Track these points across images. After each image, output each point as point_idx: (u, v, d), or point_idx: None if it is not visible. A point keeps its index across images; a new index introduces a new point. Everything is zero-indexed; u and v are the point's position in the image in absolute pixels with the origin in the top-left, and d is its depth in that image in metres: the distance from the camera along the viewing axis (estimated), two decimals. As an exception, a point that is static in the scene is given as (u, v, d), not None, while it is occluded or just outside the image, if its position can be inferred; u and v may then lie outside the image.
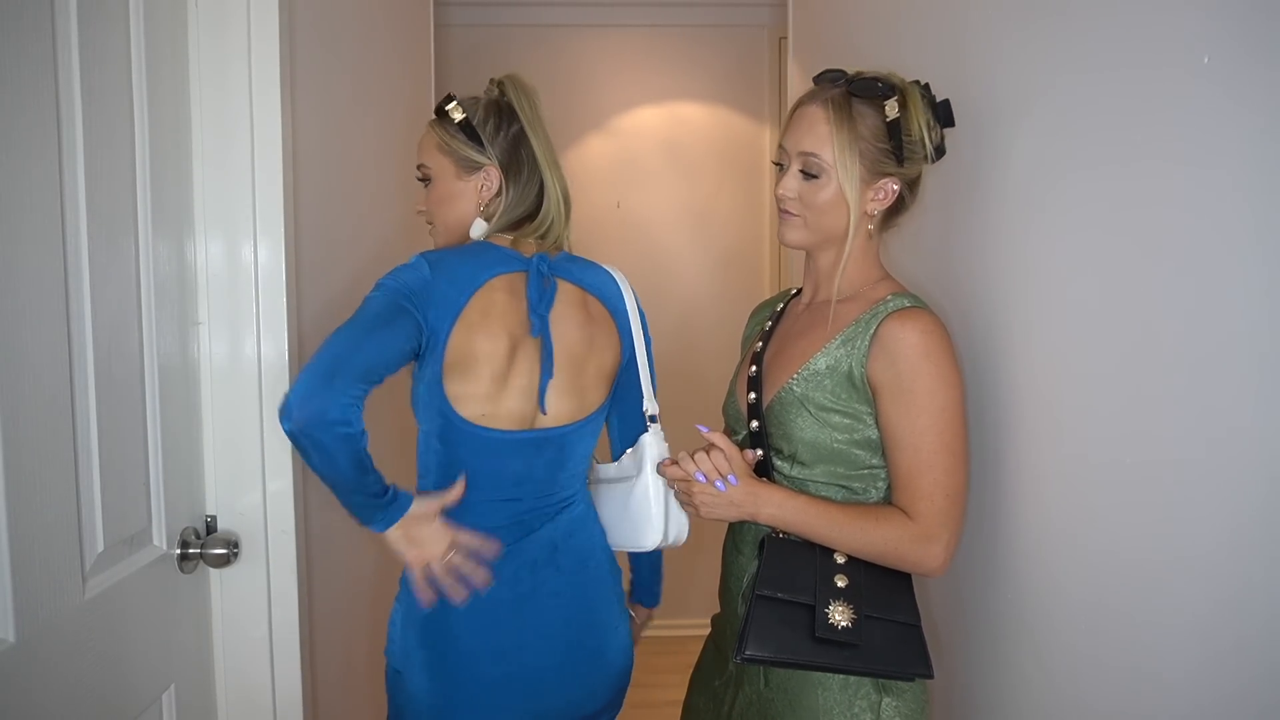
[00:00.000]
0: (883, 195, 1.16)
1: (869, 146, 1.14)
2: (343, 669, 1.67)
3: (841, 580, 1.10)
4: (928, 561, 1.09)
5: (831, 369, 1.14)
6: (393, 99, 2.06)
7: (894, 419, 1.10)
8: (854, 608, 1.08)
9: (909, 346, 1.09)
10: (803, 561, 1.12)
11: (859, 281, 1.20)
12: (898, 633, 1.09)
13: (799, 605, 1.09)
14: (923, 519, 1.08)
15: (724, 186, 3.49)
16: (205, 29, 1.28)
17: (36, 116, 0.96)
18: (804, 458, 1.17)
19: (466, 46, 3.39)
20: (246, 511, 1.34)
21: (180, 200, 1.27)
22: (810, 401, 1.15)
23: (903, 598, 1.11)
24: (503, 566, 1.24)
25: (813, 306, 1.25)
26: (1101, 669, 0.98)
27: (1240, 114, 0.77)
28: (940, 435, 1.08)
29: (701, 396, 3.53)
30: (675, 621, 3.59)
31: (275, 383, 1.34)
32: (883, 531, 1.09)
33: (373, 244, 1.90)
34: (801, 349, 1.20)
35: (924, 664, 1.08)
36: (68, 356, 1.01)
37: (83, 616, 1.04)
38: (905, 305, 1.13)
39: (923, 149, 1.15)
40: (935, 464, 1.08)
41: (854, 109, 1.13)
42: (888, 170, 1.15)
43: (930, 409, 1.08)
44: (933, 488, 1.08)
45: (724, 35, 3.45)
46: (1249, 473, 0.76)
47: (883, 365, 1.11)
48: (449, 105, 1.32)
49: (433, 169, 1.31)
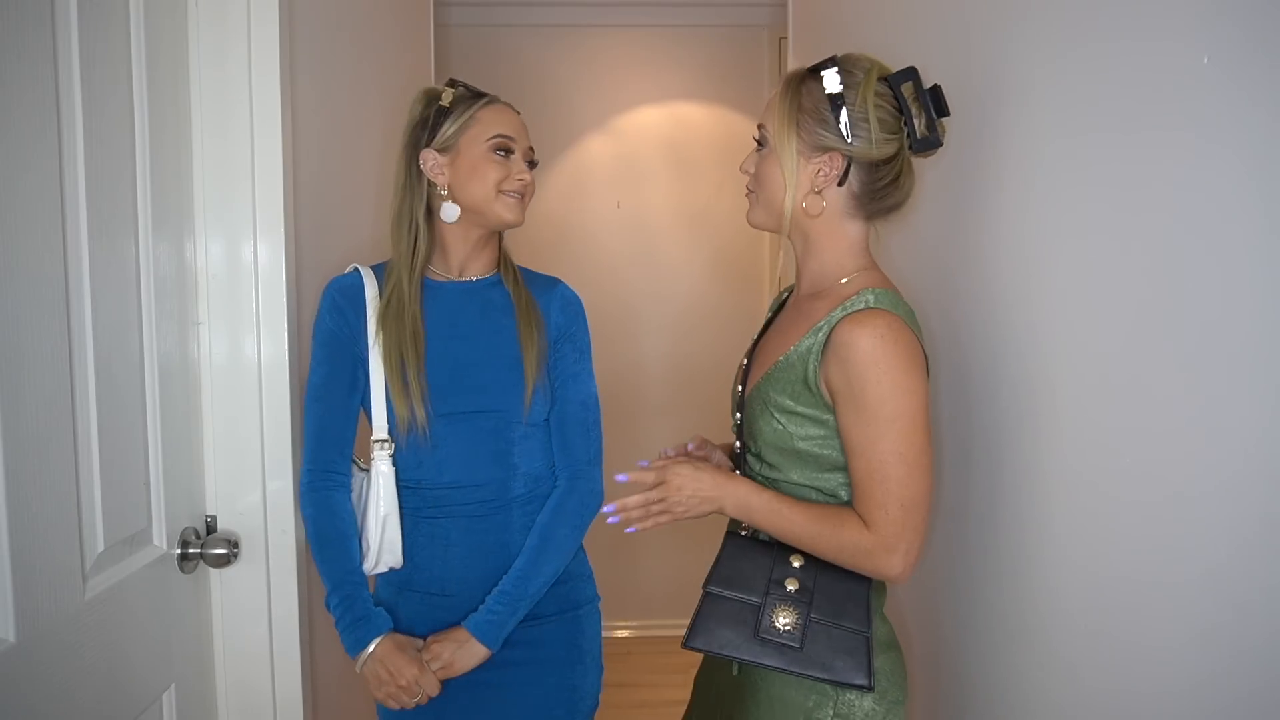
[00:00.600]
0: (826, 171, 1.13)
1: (808, 119, 1.12)
2: (343, 669, 1.67)
3: (792, 584, 1.10)
4: (886, 570, 1.07)
5: (791, 370, 1.13)
6: (393, 99, 2.06)
7: (847, 426, 1.09)
8: (799, 612, 1.08)
9: (859, 352, 1.06)
10: (758, 562, 1.13)
11: (833, 271, 1.17)
12: (842, 640, 1.07)
13: (746, 604, 1.10)
14: (878, 528, 1.06)
15: (724, 186, 3.49)
16: (205, 29, 1.28)
17: (36, 117, 0.96)
18: (768, 457, 1.17)
19: (466, 46, 3.39)
20: (246, 511, 1.34)
21: (180, 200, 1.27)
22: (772, 402, 1.15)
23: (855, 607, 1.09)
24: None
25: (798, 302, 1.23)
26: (1102, 672, 0.98)
27: (1240, 113, 0.77)
28: (893, 444, 1.05)
29: (699, 395, 3.54)
30: (675, 621, 3.60)
31: (275, 383, 1.35)
32: (839, 538, 1.08)
33: (373, 244, 1.90)
34: (775, 346, 1.20)
35: (863, 674, 1.06)
36: (68, 356, 1.01)
37: (83, 616, 1.04)
38: (862, 307, 1.09)
39: (882, 130, 1.10)
40: (888, 474, 1.06)
41: (803, 85, 1.14)
42: (827, 145, 1.12)
43: (880, 418, 1.05)
44: (885, 497, 1.06)
45: (724, 35, 3.45)
46: (1250, 473, 0.76)
47: (835, 370, 1.08)
48: None
49: None
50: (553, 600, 1.40)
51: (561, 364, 1.42)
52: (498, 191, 1.34)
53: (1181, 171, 0.84)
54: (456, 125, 1.35)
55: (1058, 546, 1.07)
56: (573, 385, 1.42)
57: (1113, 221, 0.95)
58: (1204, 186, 0.81)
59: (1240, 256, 0.77)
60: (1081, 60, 1.00)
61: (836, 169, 1.13)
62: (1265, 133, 0.74)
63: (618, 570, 3.38)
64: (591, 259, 3.41)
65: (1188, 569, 0.84)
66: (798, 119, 1.13)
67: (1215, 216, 0.80)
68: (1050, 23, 1.07)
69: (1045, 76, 1.09)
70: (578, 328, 1.45)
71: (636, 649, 3.37)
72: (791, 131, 1.13)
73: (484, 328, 1.38)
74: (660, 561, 3.49)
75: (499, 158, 1.35)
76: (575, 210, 3.44)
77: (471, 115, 1.36)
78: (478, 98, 1.38)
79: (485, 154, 1.34)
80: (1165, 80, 0.86)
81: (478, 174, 1.34)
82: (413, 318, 1.34)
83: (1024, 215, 1.15)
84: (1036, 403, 1.11)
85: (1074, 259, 1.02)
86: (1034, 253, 1.12)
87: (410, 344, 1.32)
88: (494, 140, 1.35)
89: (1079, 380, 1.02)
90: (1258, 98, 0.75)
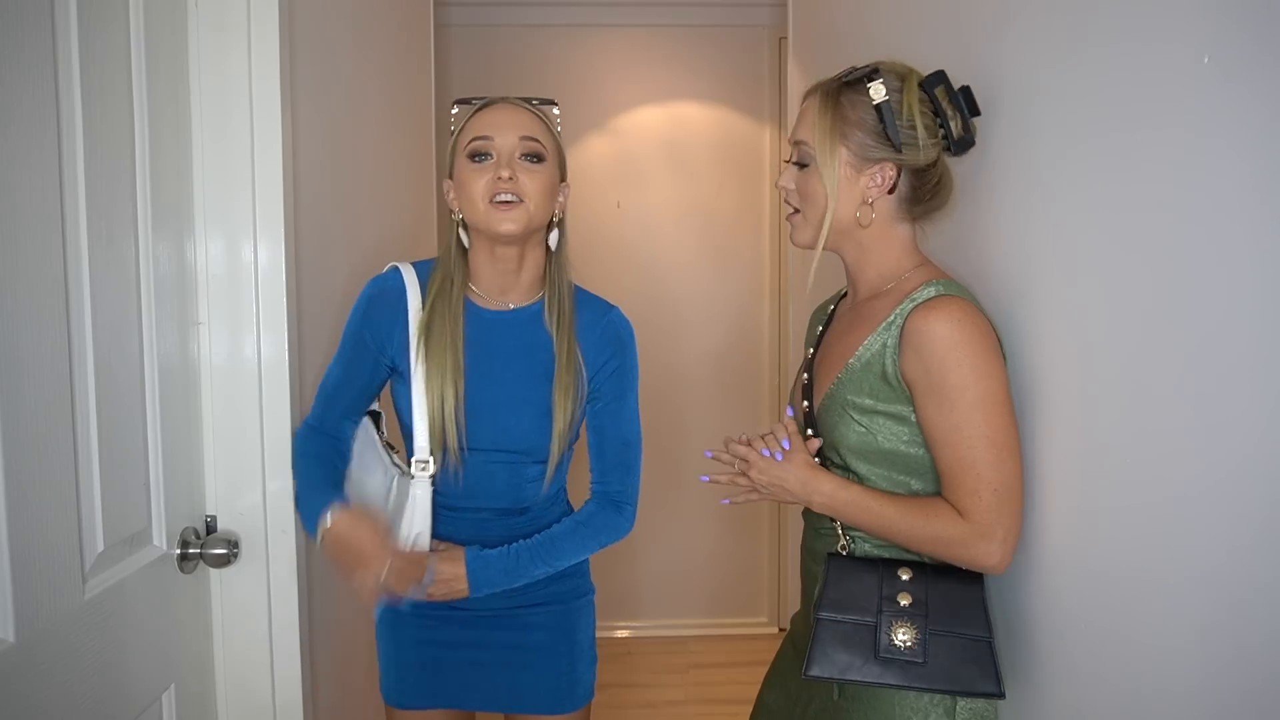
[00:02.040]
0: (879, 181, 1.14)
1: (856, 132, 1.12)
2: (343, 669, 1.67)
3: (905, 599, 1.07)
4: (983, 559, 1.05)
5: (868, 369, 1.12)
6: (393, 99, 2.06)
7: (930, 416, 1.07)
8: (917, 626, 1.06)
9: (935, 339, 1.05)
10: (865, 581, 1.10)
11: (891, 274, 1.17)
12: (965, 649, 1.05)
13: (862, 625, 1.08)
14: (972, 516, 1.05)
15: (724, 186, 3.49)
16: (205, 29, 1.28)
17: (36, 116, 0.96)
18: (852, 464, 1.16)
19: (466, 46, 3.39)
20: (246, 511, 1.34)
21: (180, 200, 1.27)
22: (851, 405, 1.14)
23: (972, 613, 1.07)
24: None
25: (855, 306, 1.23)
26: (1101, 671, 0.98)
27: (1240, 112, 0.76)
28: (978, 429, 1.04)
29: (698, 396, 3.54)
30: (675, 621, 3.60)
31: (275, 383, 1.35)
32: (933, 528, 1.07)
33: (373, 244, 1.90)
34: (841, 352, 1.19)
35: (992, 682, 1.04)
36: (68, 356, 1.01)
37: (83, 616, 1.04)
38: (932, 295, 1.09)
39: (928, 135, 1.12)
40: (976, 459, 1.04)
41: (843, 96, 1.14)
42: (879, 156, 1.12)
43: (963, 403, 1.04)
44: (976, 483, 1.04)
45: (724, 35, 3.45)
46: (1251, 473, 0.76)
47: (912, 361, 1.08)
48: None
49: None
50: (548, 591, 1.41)
51: (600, 400, 1.38)
52: (486, 204, 1.25)
53: (1182, 171, 0.83)
54: (451, 144, 1.30)
55: (1057, 546, 1.07)
56: (612, 424, 1.37)
57: (1113, 221, 0.95)
58: (1205, 185, 0.81)
59: (1242, 256, 0.77)
60: (1081, 59, 1.00)
61: (889, 178, 1.13)
62: (1267, 131, 0.74)
63: (618, 570, 3.38)
64: (591, 259, 3.40)
65: (1187, 569, 0.84)
66: (844, 131, 1.13)
67: (1216, 216, 0.79)
68: (1050, 22, 1.07)
69: (1045, 76, 1.09)
70: (623, 361, 1.38)
71: (636, 649, 3.37)
72: (838, 145, 1.13)
73: (522, 372, 1.33)
74: (660, 562, 3.49)
75: (476, 164, 1.26)
76: (575, 210, 3.39)
77: (460, 129, 1.30)
78: (472, 109, 1.31)
79: (465, 165, 1.27)
80: (1165, 79, 0.86)
81: (464, 190, 1.27)
82: (454, 352, 1.29)
83: (1024, 215, 1.15)
84: (1036, 402, 1.11)
85: (1074, 258, 1.02)
86: (1034, 252, 1.12)
87: (451, 382, 1.29)
88: (468, 147, 1.27)
89: (1078, 380, 1.02)
90: (1259, 95, 0.75)
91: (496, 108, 1.30)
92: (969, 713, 1.11)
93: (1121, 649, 0.95)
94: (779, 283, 3.49)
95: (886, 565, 1.12)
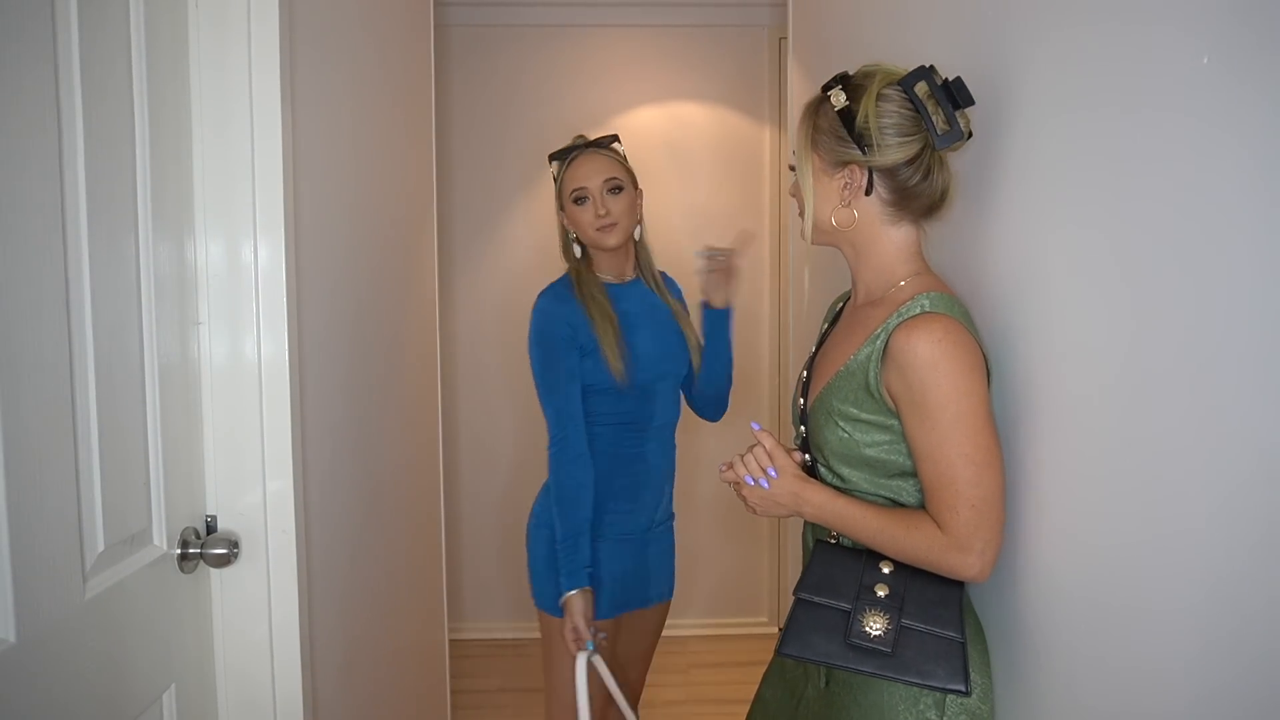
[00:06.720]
0: (849, 184, 1.16)
1: (824, 137, 1.17)
2: (343, 669, 1.67)
3: (882, 590, 1.10)
4: (962, 570, 1.08)
5: (853, 378, 1.15)
6: (393, 99, 2.06)
7: (912, 431, 1.10)
8: (890, 618, 1.08)
9: (916, 357, 1.07)
10: (849, 568, 1.13)
11: (887, 278, 1.19)
12: (936, 646, 1.08)
13: (837, 610, 1.10)
14: (950, 530, 1.07)
15: (724, 186, 3.49)
16: (205, 29, 1.28)
17: (36, 116, 0.96)
18: (835, 467, 1.19)
19: (466, 46, 3.40)
20: (246, 511, 1.34)
21: (180, 200, 1.27)
22: (836, 411, 1.16)
23: (947, 612, 1.09)
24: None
25: (855, 310, 1.25)
26: (1099, 664, 0.98)
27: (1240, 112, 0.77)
28: (957, 447, 1.06)
29: (701, 396, 3.53)
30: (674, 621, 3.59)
31: (275, 383, 1.35)
32: (913, 540, 1.09)
33: (373, 244, 1.90)
34: (836, 357, 1.21)
35: (958, 679, 1.06)
36: (68, 356, 1.01)
37: (83, 616, 1.04)
38: (918, 311, 1.11)
39: (897, 135, 1.12)
40: (955, 476, 1.06)
41: (820, 105, 1.19)
42: (846, 159, 1.15)
43: (943, 421, 1.06)
44: (955, 499, 1.07)
45: (724, 35, 3.45)
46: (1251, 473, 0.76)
47: (895, 377, 1.10)
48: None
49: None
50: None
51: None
52: (593, 230, 1.78)
53: (1182, 168, 0.84)
54: (558, 189, 1.84)
55: (1057, 546, 1.07)
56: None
57: (1113, 220, 0.95)
58: (1205, 183, 0.81)
59: (1242, 255, 0.77)
60: (1081, 56, 1.00)
61: (859, 181, 1.16)
62: (1269, 131, 0.74)
63: (618, 570, 3.37)
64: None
65: (1187, 568, 0.84)
66: (814, 138, 1.19)
67: (1217, 215, 0.80)
68: (1050, 20, 1.08)
69: (1044, 72, 1.09)
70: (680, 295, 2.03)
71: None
72: (809, 152, 1.19)
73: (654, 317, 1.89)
74: (660, 561, 3.48)
75: (579, 206, 1.79)
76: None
77: (561, 180, 1.82)
78: (567, 160, 1.82)
79: (572, 207, 1.81)
80: (1165, 78, 0.86)
81: (577, 222, 1.81)
82: (606, 313, 1.78)
83: (1022, 212, 1.15)
84: (1036, 402, 1.11)
85: (1074, 257, 1.02)
86: (1033, 250, 1.12)
87: (611, 331, 1.77)
88: (572, 194, 1.80)
89: (1078, 379, 1.02)
90: (1261, 95, 0.75)
91: (583, 160, 1.81)
92: (959, 707, 1.12)
93: (1119, 637, 0.95)
94: (779, 283, 3.50)
95: (870, 556, 1.14)
